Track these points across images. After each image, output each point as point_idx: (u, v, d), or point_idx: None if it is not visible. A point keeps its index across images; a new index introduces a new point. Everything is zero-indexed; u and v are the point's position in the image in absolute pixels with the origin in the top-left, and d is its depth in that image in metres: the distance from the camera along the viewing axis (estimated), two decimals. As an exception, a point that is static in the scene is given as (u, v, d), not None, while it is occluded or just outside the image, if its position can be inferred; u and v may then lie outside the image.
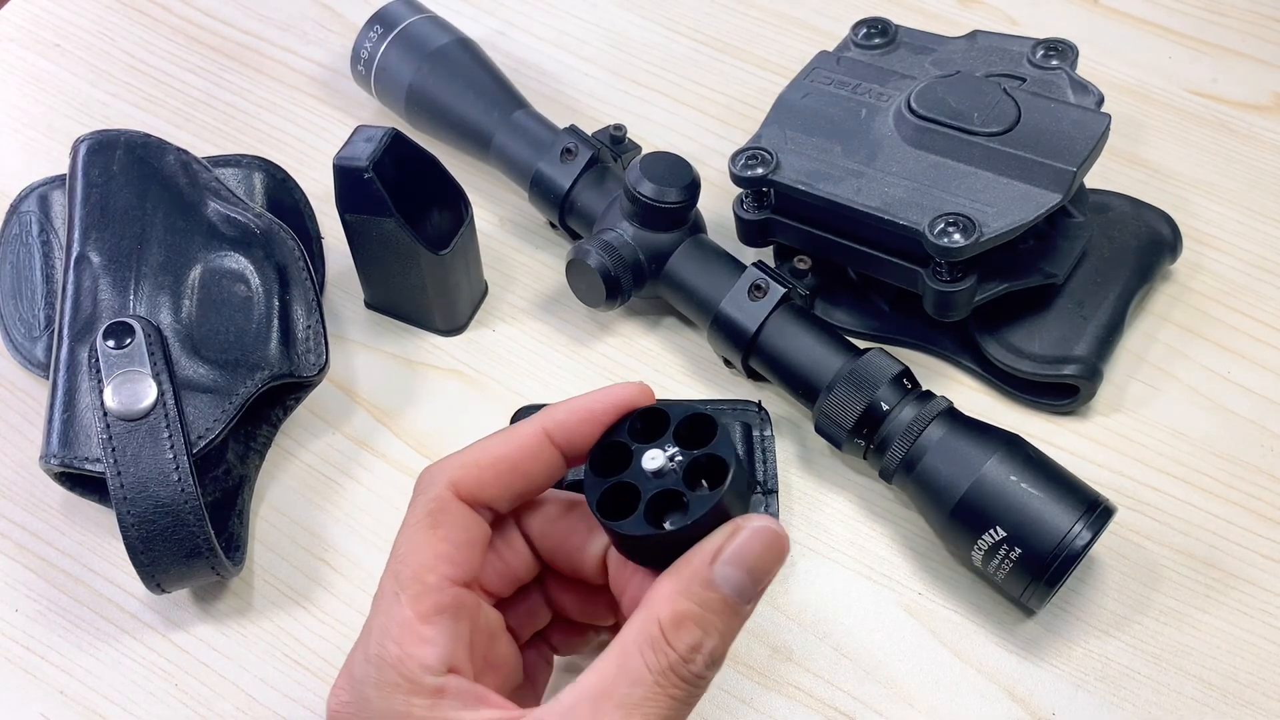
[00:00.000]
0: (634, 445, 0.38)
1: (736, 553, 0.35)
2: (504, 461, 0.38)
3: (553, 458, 0.39)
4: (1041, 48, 0.57)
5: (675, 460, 0.37)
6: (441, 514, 0.38)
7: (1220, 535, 0.52)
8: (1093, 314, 0.55)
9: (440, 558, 0.37)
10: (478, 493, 0.38)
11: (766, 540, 0.36)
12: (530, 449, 0.39)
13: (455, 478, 0.38)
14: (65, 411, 0.50)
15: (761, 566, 0.36)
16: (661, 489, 0.37)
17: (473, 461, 0.38)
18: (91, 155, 0.56)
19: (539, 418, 0.39)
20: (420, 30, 0.64)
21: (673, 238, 0.56)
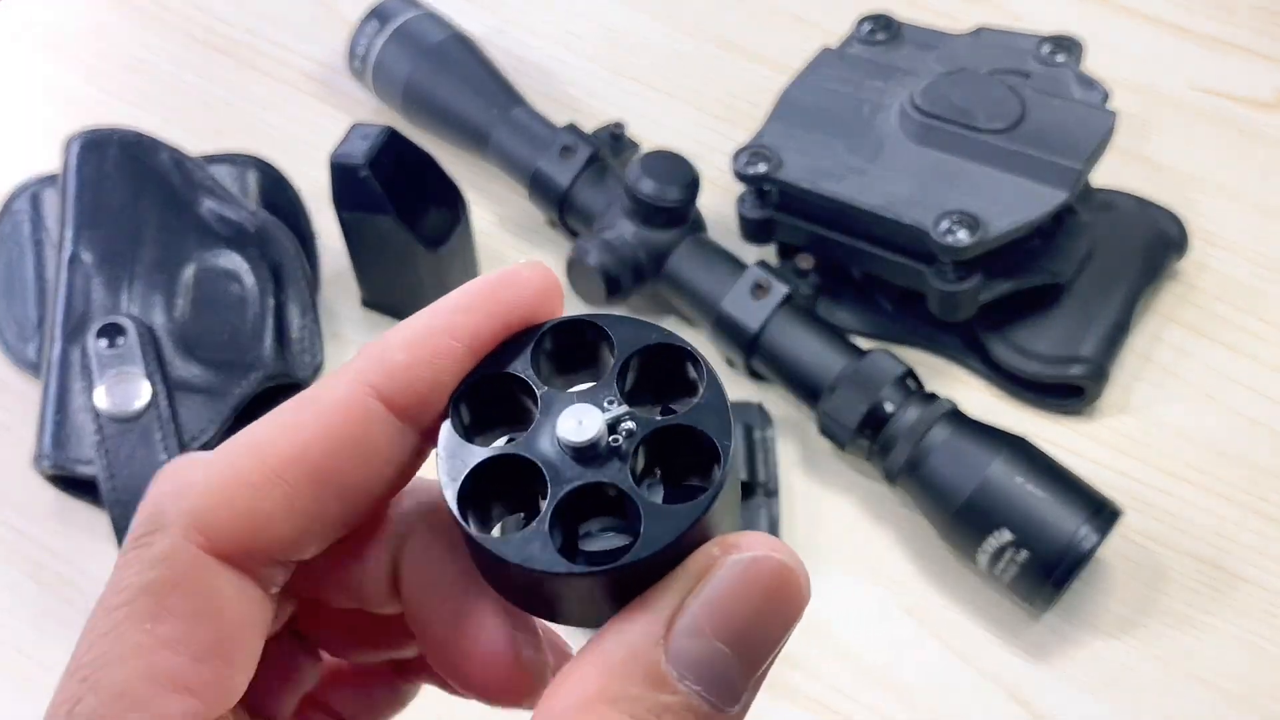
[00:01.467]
0: (539, 388, 0.22)
1: (715, 608, 0.19)
2: (299, 465, 0.20)
3: (396, 437, 0.21)
4: (1047, 44, 0.56)
5: (624, 428, 0.21)
6: (170, 593, 0.19)
7: (1227, 537, 0.51)
8: (1099, 314, 0.54)
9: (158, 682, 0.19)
10: (251, 540, 0.20)
11: (766, 582, 0.20)
12: (349, 431, 0.20)
13: (204, 513, 0.20)
14: (58, 412, 0.49)
15: (758, 633, 0.20)
16: (588, 481, 0.21)
17: (240, 474, 0.20)
18: (84, 154, 0.55)
19: (356, 369, 0.21)
20: (417, 26, 0.63)
21: (673, 236, 0.55)
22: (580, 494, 0.21)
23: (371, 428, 0.21)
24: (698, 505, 0.20)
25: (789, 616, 0.20)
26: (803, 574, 0.20)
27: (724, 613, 0.19)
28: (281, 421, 0.20)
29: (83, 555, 0.53)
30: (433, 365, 0.21)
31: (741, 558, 0.20)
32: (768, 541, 0.20)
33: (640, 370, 0.22)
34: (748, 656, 0.20)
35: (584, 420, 0.21)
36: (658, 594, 0.20)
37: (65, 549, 0.53)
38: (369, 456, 0.21)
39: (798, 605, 0.20)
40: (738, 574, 0.20)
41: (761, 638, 0.20)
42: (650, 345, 0.22)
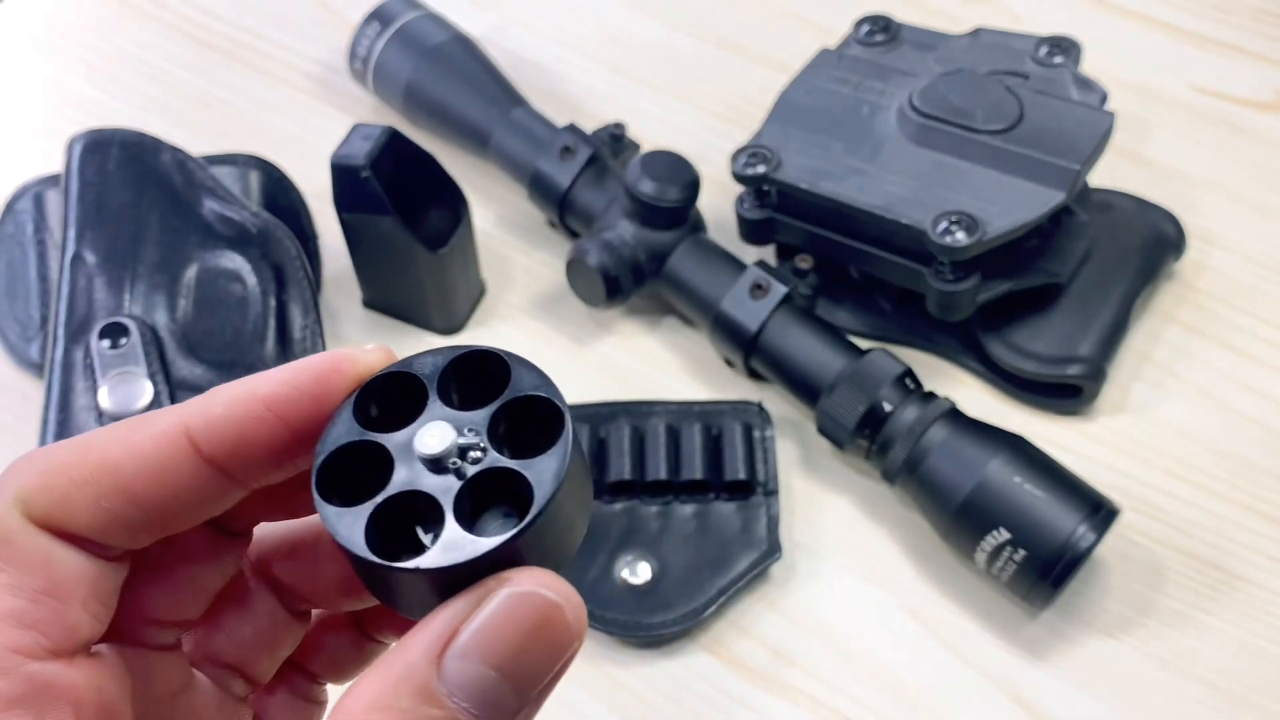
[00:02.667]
0: (433, 400, 0.24)
1: (484, 635, 0.22)
2: (104, 472, 0.24)
3: (196, 477, 0.24)
4: (1045, 45, 0.56)
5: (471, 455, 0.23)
6: (3, 547, 0.23)
7: (1225, 536, 0.51)
8: (1097, 313, 0.54)
9: (2, 618, 0.23)
10: (59, 516, 0.23)
11: (531, 615, 0.22)
12: (155, 460, 0.24)
13: (25, 490, 0.23)
14: (60, 412, 0.50)
15: (526, 662, 0.22)
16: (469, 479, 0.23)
17: (60, 465, 0.24)
18: (86, 154, 0.55)
19: (182, 411, 0.24)
20: (418, 27, 0.63)
21: (673, 236, 0.56)
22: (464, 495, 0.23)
23: (177, 462, 0.24)
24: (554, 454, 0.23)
25: (555, 650, 0.22)
26: (571, 612, 0.22)
27: (491, 641, 0.22)
28: (113, 434, 0.24)
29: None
30: (241, 425, 0.24)
31: (511, 591, 0.22)
32: (542, 578, 0.22)
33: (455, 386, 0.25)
34: (517, 683, 0.22)
35: (435, 433, 0.23)
36: (438, 616, 0.22)
37: (68, 548, 0.53)
38: (169, 484, 0.24)
39: (562, 640, 0.22)
40: (505, 606, 0.22)
41: (529, 667, 0.22)
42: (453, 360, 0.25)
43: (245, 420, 0.24)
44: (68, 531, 0.24)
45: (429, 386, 0.24)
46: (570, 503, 0.23)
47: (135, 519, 0.24)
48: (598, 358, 0.58)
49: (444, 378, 0.24)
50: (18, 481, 0.24)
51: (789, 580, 0.51)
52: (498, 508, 0.23)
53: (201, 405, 0.24)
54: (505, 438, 0.24)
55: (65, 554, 0.24)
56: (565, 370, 0.58)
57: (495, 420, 0.24)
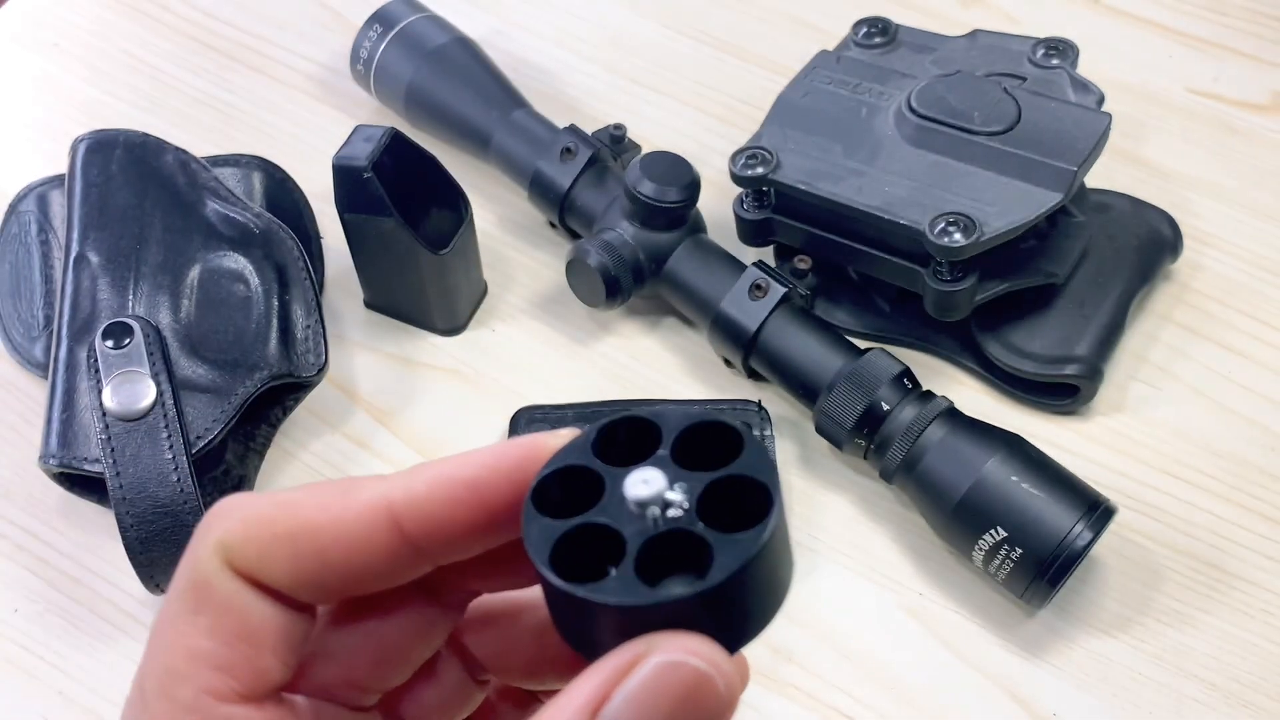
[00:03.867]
0: (605, 468, 0.25)
1: (634, 703, 0.22)
2: (305, 533, 0.24)
3: (392, 549, 0.25)
4: (1042, 47, 0.57)
5: (679, 486, 0.24)
6: (203, 591, 0.24)
7: (1222, 535, 0.52)
8: (1094, 314, 0.54)
9: (198, 660, 0.24)
10: (257, 568, 0.24)
11: (682, 685, 0.22)
12: (355, 530, 0.25)
13: (229, 538, 0.24)
14: (64, 411, 0.50)
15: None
16: (659, 532, 0.23)
17: (264, 519, 0.25)
18: (90, 155, 0.55)
19: (387, 485, 0.25)
20: (419, 29, 0.63)
21: (673, 237, 0.56)
22: (653, 547, 0.23)
23: (376, 535, 0.25)
24: (760, 530, 0.22)
25: (707, 715, 0.22)
26: (723, 681, 0.22)
27: (641, 710, 0.22)
28: (320, 498, 0.25)
29: (88, 553, 0.53)
30: (444, 507, 0.25)
31: (661, 660, 0.22)
32: (694, 646, 0.22)
33: (684, 445, 0.25)
34: None
35: (649, 479, 0.23)
36: (591, 679, 0.22)
37: (71, 547, 0.53)
38: (365, 555, 0.25)
39: (711, 711, 0.22)
40: (655, 674, 0.22)
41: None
42: (690, 425, 0.25)
43: (448, 502, 0.25)
44: (262, 583, 0.25)
45: (664, 436, 0.25)
46: (757, 582, 0.23)
47: (328, 581, 0.25)
48: (598, 358, 0.58)
49: (681, 435, 0.25)
50: (222, 527, 0.24)
51: (788, 578, 0.51)
52: (685, 575, 0.23)
53: (406, 482, 0.25)
54: (713, 510, 0.24)
55: (259, 603, 0.24)
56: (565, 370, 0.58)
57: (709, 490, 0.24)
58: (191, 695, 0.24)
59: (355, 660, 0.27)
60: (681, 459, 0.24)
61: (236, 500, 0.25)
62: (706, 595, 0.22)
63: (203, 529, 0.25)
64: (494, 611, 0.29)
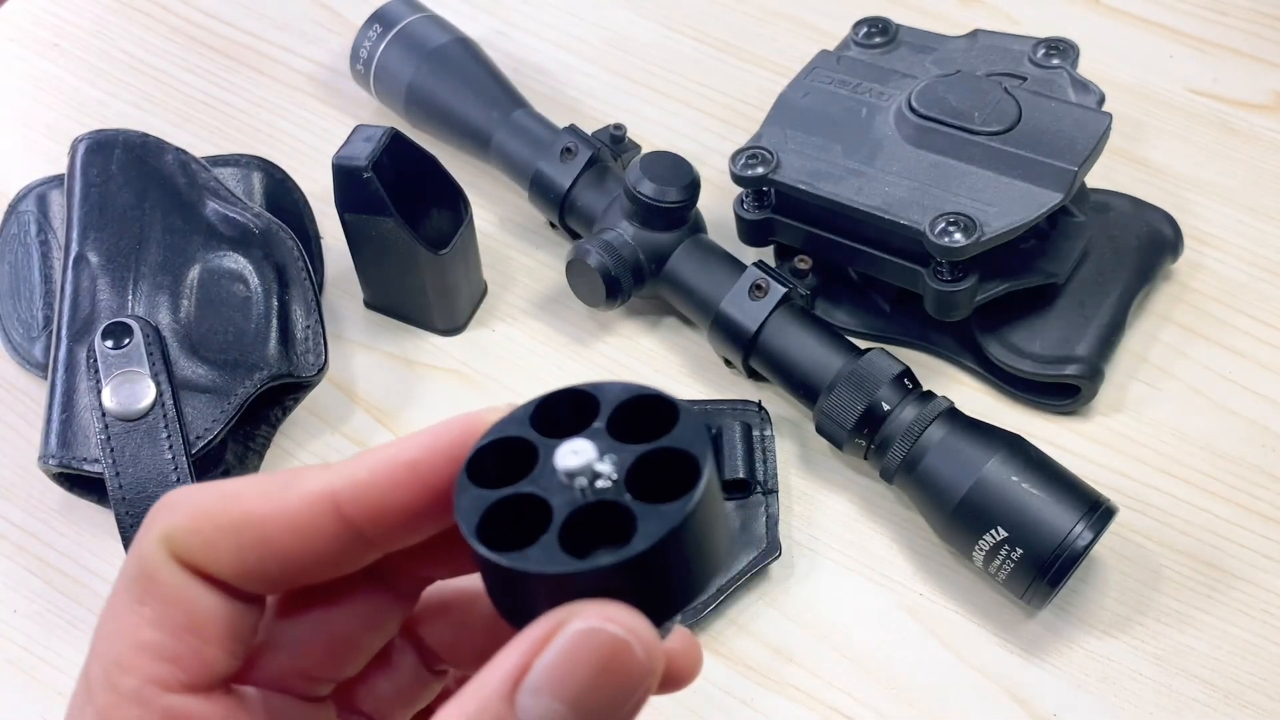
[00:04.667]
0: (541, 440, 0.25)
1: (553, 672, 0.22)
2: (248, 523, 0.24)
3: (337, 538, 0.25)
4: (1042, 47, 0.57)
5: (609, 458, 0.24)
6: (148, 582, 0.24)
7: (1222, 535, 0.52)
8: (1094, 314, 0.54)
9: (143, 650, 0.24)
10: (201, 559, 0.24)
11: (599, 651, 0.22)
12: (298, 519, 0.24)
13: (173, 530, 0.24)
14: (64, 412, 0.50)
15: (599, 697, 0.22)
16: (586, 502, 0.23)
17: (207, 511, 0.24)
18: (90, 155, 0.55)
19: (329, 474, 0.25)
20: (419, 29, 0.63)
21: (673, 237, 0.56)
22: (580, 518, 0.23)
23: (320, 523, 0.24)
24: (686, 500, 0.22)
25: (625, 685, 0.22)
26: (642, 648, 0.22)
27: (561, 677, 0.21)
28: (263, 488, 0.25)
29: (88, 553, 0.53)
30: (384, 490, 0.24)
31: (579, 627, 0.22)
32: (611, 613, 0.22)
33: (622, 419, 0.25)
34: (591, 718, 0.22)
35: (578, 450, 0.23)
36: (512, 651, 0.22)
37: (71, 547, 0.53)
38: (310, 543, 0.25)
39: (632, 675, 0.22)
40: (572, 642, 0.22)
41: (601, 703, 0.22)
42: (629, 399, 0.25)
43: (390, 486, 0.24)
44: (208, 574, 0.24)
45: (602, 409, 0.25)
46: (682, 553, 0.23)
47: (273, 571, 0.25)
48: (598, 358, 0.58)
49: (619, 408, 0.25)
50: (166, 520, 0.24)
51: (788, 578, 0.51)
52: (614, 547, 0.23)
53: (348, 470, 0.25)
54: (644, 482, 0.23)
55: (205, 593, 0.24)
56: (566, 371, 0.58)
57: (640, 462, 0.24)
58: (136, 685, 0.24)
59: (305, 650, 0.27)
60: (617, 432, 0.24)
61: (181, 492, 0.25)
62: (627, 564, 0.22)
63: (148, 521, 0.25)
64: (447, 600, 0.29)
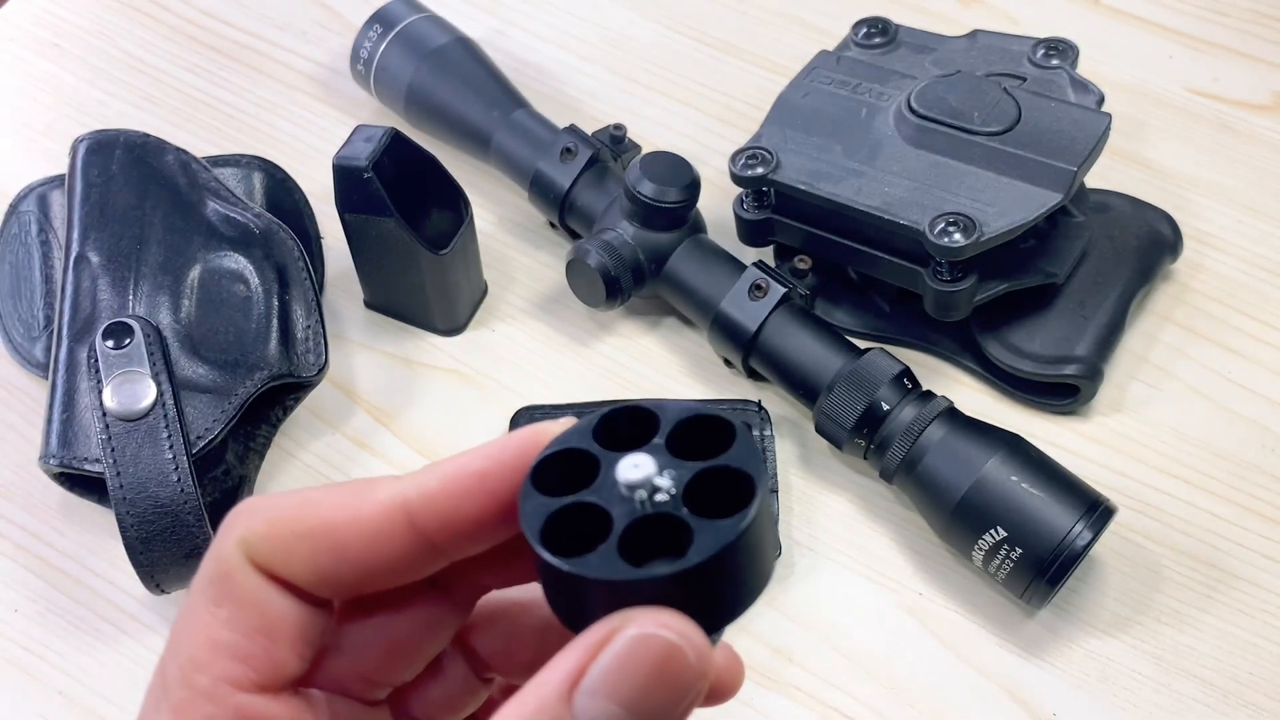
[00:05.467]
0: (603, 452, 0.26)
1: (609, 675, 0.22)
2: (324, 530, 0.25)
3: (408, 546, 0.26)
4: (1042, 47, 0.57)
5: (668, 473, 0.25)
6: (225, 584, 0.25)
7: (1221, 535, 0.52)
8: (1093, 314, 0.55)
9: (218, 650, 0.25)
10: (277, 564, 0.25)
11: (654, 656, 0.22)
12: (372, 527, 0.25)
13: (251, 535, 0.25)
14: (64, 411, 0.50)
15: (653, 700, 0.22)
16: (645, 514, 0.24)
17: (285, 518, 0.26)
18: (90, 155, 0.55)
19: (401, 484, 0.26)
20: (420, 30, 0.63)
21: (673, 237, 0.56)
22: (639, 529, 0.24)
23: (392, 532, 0.25)
24: (742, 516, 0.23)
25: (678, 688, 0.23)
26: (693, 652, 0.22)
27: (618, 680, 0.22)
28: (338, 497, 0.26)
29: (89, 553, 0.53)
30: (454, 500, 0.25)
31: (634, 633, 0.22)
32: (665, 619, 0.23)
33: (680, 436, 0.26)
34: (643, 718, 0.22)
35: (639, 464, 0.24)
36: (570, 653, 0.23)
37: (71, 547, 0.53)
38: (382, 551, 0.26)
39: (684, 679, 0.23)
40: (627, 647, 0.22)
41: (655, 705, 0.22)
42: (686, 418, 0.26)
43: (459, 496, 0.25)
44: (283, 578, 0.26)
45: (662, 426, 0.26)
46: (735, 566, 0.24)
47: (345, 577, 0.26)
48: (598, 358, 0.59)
49: (678, 426, 0.26)
50: (245, 525, 0.26)
51: (788, 578, 0.51)
52: (670, 558, 0.24)
53: (420, 480, 0.26)
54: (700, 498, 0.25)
55: (278, 597, 0.25)
56: (566, 371, 0.58)
57: (698, 478, 0.25)
58: (210, 683, 0.25)
59: (366, 654, 0.27)
60: (676, 448, 0.25)
61: (261, 500, 0.26)
62: (683, 575, 0.23)
63: (227, 525, 0.26)
64: (499, 610, 0.30)
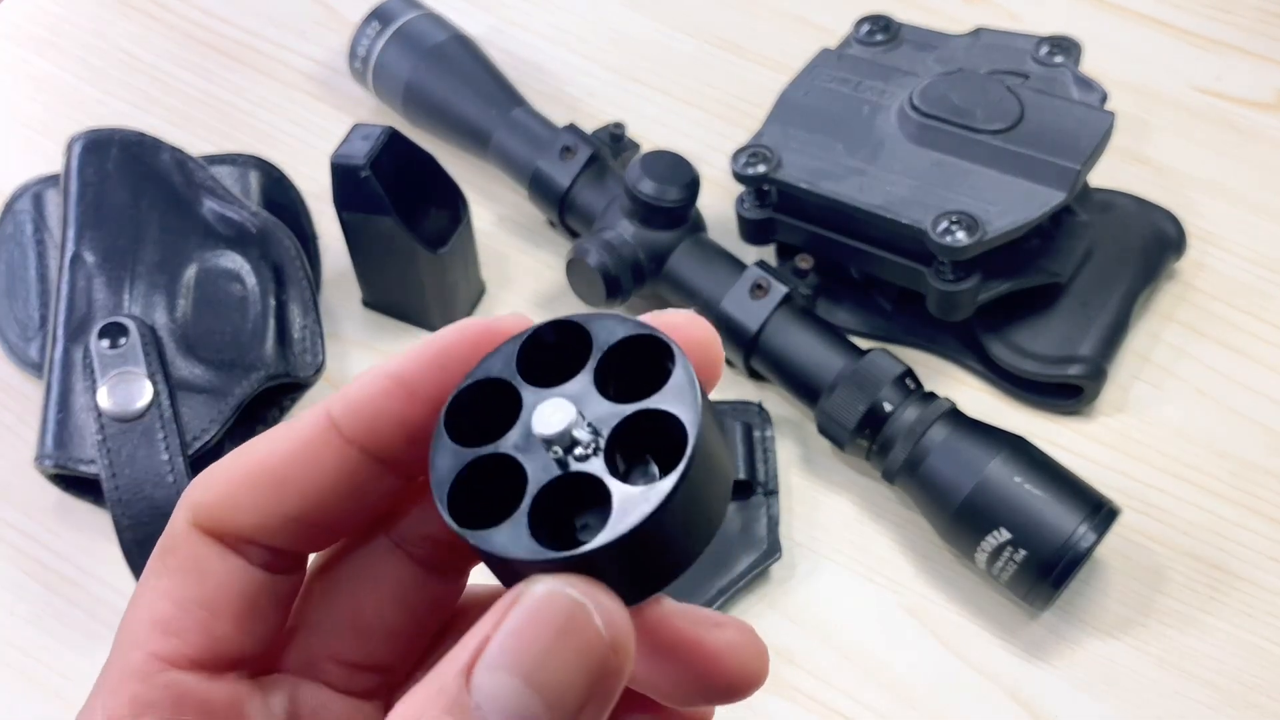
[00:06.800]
0: (524, 388, 0.22)
1: (506, 644, 0.20)
2: (262, 469, 0.24)
3: (341, 459, 0.24)
4: (1045, 45, 0.56)
5: (588, 424, 0.21)
6: (168, 555, 0.24)
7: (1225, 537, 0.51)
8: (1097, 313, 0.54)
9: (154, 625, 0.23)
10: (225, 518, 0.24)
11: (553, 618, 0.20)
12: (302, 447, 0.24)
13: (196, 498, 0.24)
14: (60, 412, 0.50)
15: (553, 671, 0.20)
16: (556, 476, 0.21)
17: (224, 468, 0.24)
18: (86, 154, 0.55)
19: (327, 398, 0.24)
20: (418, 27, 0.63)
21: (673, 236, 0.56)
22: (557, 489, 0.21)
23: (321, 445, 0.24)
24: (665, 482, 0.20)
25: (582, 657, 0.20)
26: (603, 615, 0.20)
27: (515, 649, 0.20)
28: (268, 434, 0.24)
29: (84, 554, 0.53)
30: (373, 400, 0.23)
31: (536, 591, 0.20)
32: (572, 580, 0.20)
33: (623, 368, 0.22)
34: (549, 697, 0.20)
35: (555, 412, 0.21)
36: (475, 628, 0.20)
37: (67, 548, 0.53)
38: (318, 468, 0.24)
39: (590, 646, 0.20)
40: (530, 608, 0.20)
41: (558, 678, 0.20)
42: (624, 339, 0.22)
43: (376, 395, 0.23)
44: (232, 533, 0.24)
45: (594, 348, 0.22)
46: (660, 539, 0.20)
47: (293, 510, 0.23)
48: (598, 358, 0.58)
49: (610, 351, 0.22)
50: (192, 492, 0.24)
51: (789, 580, 0.51)
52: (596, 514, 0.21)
53: (341, 390, 0.24)
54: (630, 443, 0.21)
55: (223, 563, 0.24)
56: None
57: (626, 423, 0.21)
58: (142, 659, 0.23)
59: (336, 634, 0.25)
60: (607, 379, 0.22)
61: (209, 466, 0.24)
62: (587, 556, 0.20)
63: (181, 498, 0.24)
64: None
